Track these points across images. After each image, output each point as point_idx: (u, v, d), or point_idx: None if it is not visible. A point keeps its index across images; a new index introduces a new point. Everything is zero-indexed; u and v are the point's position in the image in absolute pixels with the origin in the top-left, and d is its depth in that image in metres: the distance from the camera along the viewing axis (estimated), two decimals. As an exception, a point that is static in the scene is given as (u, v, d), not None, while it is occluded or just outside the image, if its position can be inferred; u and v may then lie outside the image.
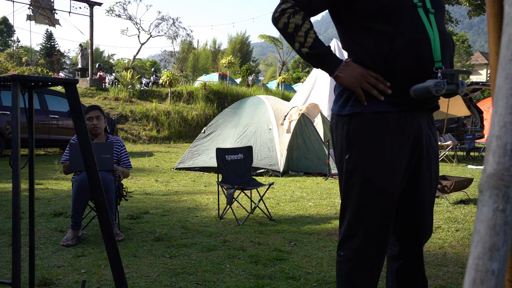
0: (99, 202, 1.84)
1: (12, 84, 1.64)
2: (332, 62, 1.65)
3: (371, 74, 1.61)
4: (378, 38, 1.61)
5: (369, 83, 1.62)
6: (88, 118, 3.95)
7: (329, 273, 3.03)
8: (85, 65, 19.50)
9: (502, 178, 0.51)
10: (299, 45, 1.64)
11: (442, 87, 1.54)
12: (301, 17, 1.63)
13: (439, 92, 1.54)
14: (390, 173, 1.66)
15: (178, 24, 30.81)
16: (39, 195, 5.74)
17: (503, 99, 0.52)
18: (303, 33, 1.62)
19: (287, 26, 1.64)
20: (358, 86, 1.62)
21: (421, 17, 1.60)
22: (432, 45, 1.59)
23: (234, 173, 4.98)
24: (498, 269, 0.50)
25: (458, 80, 1.59)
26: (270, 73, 50.32)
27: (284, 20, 1.64)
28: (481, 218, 0.52)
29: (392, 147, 1.65)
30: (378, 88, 1.62)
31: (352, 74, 1.62)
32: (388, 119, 1.64)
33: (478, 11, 18.66)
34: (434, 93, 1.54)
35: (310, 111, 8.78)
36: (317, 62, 1.68)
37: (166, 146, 14.53)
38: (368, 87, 1.62)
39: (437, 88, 1.54)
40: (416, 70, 1.59)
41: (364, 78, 1.61)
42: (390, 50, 1.58)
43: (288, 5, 1.65)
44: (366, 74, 1.61)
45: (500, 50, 0.54)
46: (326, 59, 1.65)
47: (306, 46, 1.63)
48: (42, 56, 46.36)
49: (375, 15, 1.61)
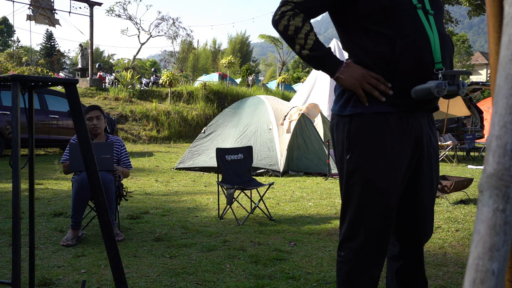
0: (99, 202, 1.84)
1: (12, 84, 1.64)
2: (333, 64, 1.65)
3: (372, 75, 1.61)
4: (378, 39, 1.61)
5: (370, 84, 1.62)
6: (88, 118, 3.95)
7: (329, 273, 3.03)
8: (85, 65, 19.50)
9: (502, 178, 0.51)
10: (300, 48, 1.65)
11: (444, 88, 1.55)
12: (301, 19, 1.64)
13: (440, 93, 1.55)
14: (391, 173, 1.65)
15: (178, 24, 30.84)
16: (39, 195, 5.74)
17: (503, 99, 0.52)
18: (303, 35, 1.63)
19: (287, 28, 1.65)
20: (359, 87, 1.62)
21: (420, 19, 1.60)
22: (432, 47, 1.60)
23: (234, 173, 4.98)
24: (498, 269, 0.50)
25: (459, 81, 1.60)
26: (270, 73, 50.32)
27: (284, 22, 1.65)
28: (481, 218, 0.52)
29: (393, 147, 1.65)
30: (379, 89, 1.62)
31: (353, 75, 1.62)
32: (389, 120, 1.64)
33: (478, 11, 18.67)
34: (436, 94, 1.54)
35: (310, 111, 8.78)
36: (317, 64, 1.68)
37: (166, 146, 14.53)
38: (369, 88, 1.62)
39: (438, 89, 1.54)
40: (417, 71, 1.59)
41: (365, 79, 1.61)
42: (391, 52, 1.58)
43: (288, 7, 1.66)
44: (367, 75, 1.61)
45: (500, 50, 0.54)
46: (326, 61, 1.66)
47: (306, 48, 1.63)
48: (42, 56, 46.36)
49: (374, 16, 1.61)
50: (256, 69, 52.52)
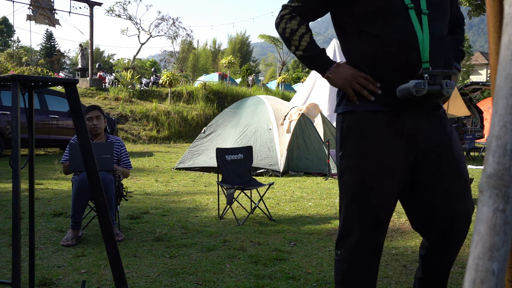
0: (99, 202, 1.84)
1: (12, 84, 1.64)
2: (324, 64, 1.73)
3: (362, 75, 1.66)
4: (369, 40, 1.66)
5: (359, 84, 1.66)
6: (88, 118, 3.95)
7: (329, 273, 3.03)
8: (85, 65, 19.49)
9: (502, 178, 0.51)
10: (295, 48, 1.74)
11: (423, 88, 1.57)
12: (297, 22, 1.73)
13: (419, 93, 1.57)
14: (382, 171, 1.66)
15: (178, 24, 30.84)
16: (39, 195, 5.74)
17: (503, 99, 0.52)
18: (298, 37, 1.72)
19: (284, 31, 1.75)
20: (349, 87, 1.68)
21: (411, 19, 1.62)
22: (420, 46, 1.61)
23: (234, 173, 4.98)
24: (498, 269, 0.50)
25: (441, 80, 1.61)
26: (270, 73, 50.33)
27: (283, 25, 1.76)
28: (481, 218, 0.52)
29: (384, 145, 1.66)
30: (368, 89, 1.67)
31: (342, 75, 1.69)
32: (379, 118, 1.67)
33: (478, 11, 18.66)
34: (415, 93, 1.57)
35: (310, 111, 8.78)
36: (310, 64, 1.77)
37: (166, 146, 14.53)
38: (358, 87, 1.67)
39: (417, 89, 1.57)
40: (403, 71, 1.62)
41: (355, 79, 1.67)
42: (378, 52, 1.63)
43: (286, 11, 1.77)
44: (357, 75, 1.67)
45: (500, 50, 0.54)
46: (318, 61, 1.73)
47: (300, 49, 1.73)
48: (42, 56, 46.36)
49: (369, 17, 1.65)
50: (256, 69, 52.53)
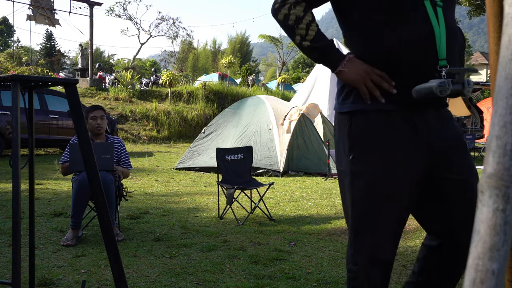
0: (99, 202, 1.84)
1: (12, 84, 1.64)
2: (336, 57, 1.54)
3: (376, 72, 1.50)
4: (381, 32, 1.50)
5: (373, 81, 1.50)
6: (92, 117, 3.94)
7: (329, 273, 3.03)
8: (85, 65, 19.49)
9: (502, 178, 0.51)
10: (300, 38, 1.54)
11: (447, 87, 1.41)
12: (302, 8, 1.53)
13: (443, 93, 1.41)
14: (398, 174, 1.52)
15: (178, 24, 30.86)
16: (39, 195, 5.74)
17: (503, 99, 0.52)
18: (305, 25, 1.52)
19: (287, 17, 1.54)
20: (362, 83, 1.51)
21: (427, 11, 1.47)
22: (437, 41, 1.47)
23: (234, 173, 4.98)
24: (498, 269, 0.50)
25: (463, 79, 1.46)
26: (270, 73, 50.30)
27: (285, 11, 1.54)
28: (481, 218, 0.52)
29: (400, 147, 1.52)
30: (381, 87, 1.50)
31: (356, 70, 1.51)
32: (392, 118, 1.52)
33: (478, 11, 18.66)
34: (439, 94, 1.40)
35: (310, 111, 8.78)
36: (319, 56, 1.56)
37: (166, 146, 14.53)
38: (372, 86, 1.50)
39: (441, 89, 1.40)
40: (419, 67, 1.48)
41: (369, 75, 1.50)
42: (392, 46, 1.48)
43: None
44: (371, 71, 1.50)
45: (500, 50, 0.54)
46: (329, 53, 1.54)
47: (307, 40, 1.52)
48: (42, 56, 46.35)
49: (379, 7, 1.50)
50: (256, 69, 52.50)
